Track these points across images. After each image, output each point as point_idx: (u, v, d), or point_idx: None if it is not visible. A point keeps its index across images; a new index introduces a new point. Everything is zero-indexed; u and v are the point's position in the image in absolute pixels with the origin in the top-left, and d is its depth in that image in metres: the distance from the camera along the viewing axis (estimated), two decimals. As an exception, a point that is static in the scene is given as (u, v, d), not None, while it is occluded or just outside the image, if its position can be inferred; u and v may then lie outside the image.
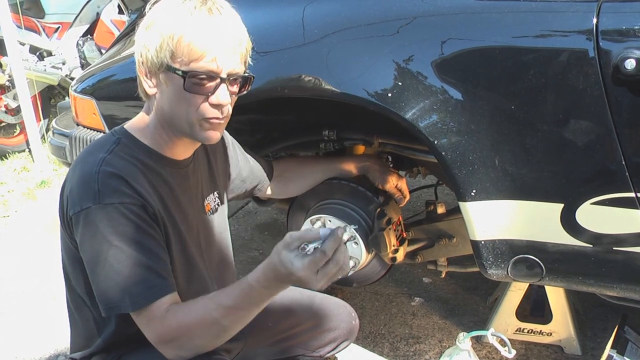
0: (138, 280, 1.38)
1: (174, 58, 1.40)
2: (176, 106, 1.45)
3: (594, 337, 2.63)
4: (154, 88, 1.48)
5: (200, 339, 1.41)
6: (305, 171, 2.17)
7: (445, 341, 2.68)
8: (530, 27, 1.73)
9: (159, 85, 1.47)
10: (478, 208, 1.83)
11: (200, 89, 1.42)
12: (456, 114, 1.77)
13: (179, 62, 1.40)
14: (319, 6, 2.00)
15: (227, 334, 1.44)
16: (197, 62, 1.40)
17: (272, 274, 1.34)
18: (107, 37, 5.59)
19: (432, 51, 1.79)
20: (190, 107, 1.44)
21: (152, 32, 1.43)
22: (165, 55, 1.41)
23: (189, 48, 1.39)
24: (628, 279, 1.83)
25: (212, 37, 1.39)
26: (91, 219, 1.38)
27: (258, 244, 3.58)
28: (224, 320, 1.40)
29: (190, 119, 1.46)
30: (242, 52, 1.46)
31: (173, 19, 1.40)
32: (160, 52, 1.41)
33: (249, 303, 1.40)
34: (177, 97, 1.44)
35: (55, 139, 2.76)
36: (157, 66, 1.43)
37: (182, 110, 1.45)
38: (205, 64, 1.40)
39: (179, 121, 1.47)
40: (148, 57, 1.44)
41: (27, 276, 3.47)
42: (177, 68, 1.40)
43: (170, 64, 1.41)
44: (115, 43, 2.80)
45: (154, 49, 1.42)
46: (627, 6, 1.68)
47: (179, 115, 1.46)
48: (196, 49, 1.39)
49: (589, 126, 1.70)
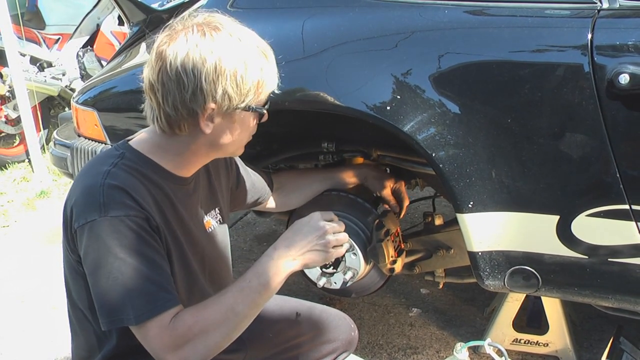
0: (142, 293, 1.37)
1: (250, 100, 1.48)
2: (239, 136, 1.54)
3: (590, 348, 2.64)
4: (211, 127, 1.49)
5: (216, 333, 1.40)
6: (305, 182, 2.18)
7: (442, 352, 2.69)
8: (527, 42, 1.77)
9: (221, 124, 1.49)
10: (475, 220, 1.85)
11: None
12: (453, 127, 1.80)
13: (258, 101, 1.51)
14: (318, 20, 2.03)
15: (241, 323, 1.45)
16: (266, 95, 1.53)
17: (279, 241, 1.52)
18: (107, 49, 5.62)
19: (429, 65, 1.82)
20: (248, 133, 1.57)
21: (228, 78, 1.42)
22: (242, 99, 1.46)
23: (264, 88, 1.50)
24: (623, 290, 1.85)
25: (275, 71, 1.53)
26: (96, 231, 1.38)
27: (257, 255, 3.52)
28: (237, 306, 1.42)
29: (243, 143, 1.60)
30: None
31: (250, 63, 1.45)
32: (245, 97, 1.46)
33: (258, 282, 1.45)
34: (243, 128, 1.53)
35: (56, 149, 2.77)
36: (234, 108, 1.47)
37: (242, 138, 1.57)
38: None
39: (231, 147, 1.57)
40: (225, 102, 1.44)
41: (27, 286, 3.48)
42: (258, 106, 1.51)
43: (251, 105, 1.48)
44: (116, 55, 2.83)
45: (236, 94, 1.45)
46: (621, 22, 1.72)
47: (235, 143, 1.56)
48: (269, 86, 1.52)
49: (584, 139, 1.73)
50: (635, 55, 1.63)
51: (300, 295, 1.63)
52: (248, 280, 1.45)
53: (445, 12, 1.88)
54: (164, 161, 1.54)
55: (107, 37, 5.76)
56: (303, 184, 2.18)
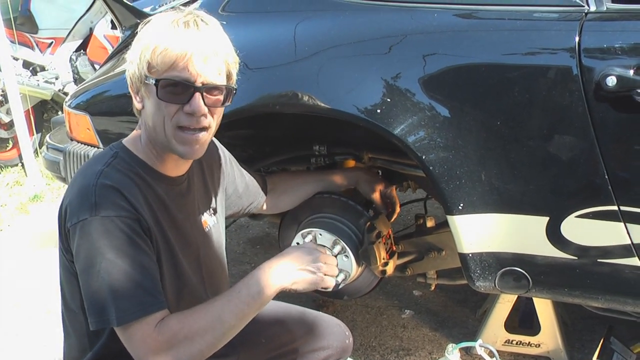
0: (126, 295, 1.38)
1: (150, 69, 1.45)
2: (155, 117, 1.48)
3: (581, 348, 2.66)
4: (140, 103, 1.52)
5: (201, 341, 1.41)
6: (297, 184, 2.19)
7: (435, 353, 2.70)
8: (515, 45, 1.78)
9: (143, 100, 1.51)
10: (465, 221, 1.86)
11: (173, 97, 1.45)
12: (443, 130, 1.81)
13: (154, 72, 1.44)
14: (310, 24, 2.04)
15: (227, 333, 1.46)
16: (170, 71, 1.43)
17: (273, 258, 1.55)
18: (100, 53, 5.62)
19: (419, 68, 1.84)
20: (165, 117, 1.47)
21: (135, 47, 1.48)
22: (143, 67, 1.45)
23: (162, 56, 1.42)
24: (612, 290, 1.87)
25: (184, 46, 1.42)
26: (87, 230, 1.39)
27: (250, 258, 3.59)
28: (225, 315, 1.43)
29: (166, 129, 1.48)
30: (219, 63, 1.49)
31: (154, 33, 1.45)
32: (139, 64, 1.46)
33: (248, 293, 1.46)
34: (155, 107, 1.47)
35: (49, 153, 2.77)
36: (138, 79, 1.48)
37: (159, 120, 1.48)
38: (178, 72, 1.43)
39: (159, 133, 1.49)
40: (132, 71, 1.49)
41: (20, 290, 3.48)
42: (151, 77, 1.44)
43: (146, 74, 1.45)
44: (109, 59, 2.83)
45: (136, 63, 1.47)
46: (609, 25, 1.73)
47: (158, 127, 1.49)
48: (168, 57, 1.42)
49: (573, 141, 1.74)
50: (622, 57, 1.65)
51: (293, 297, 1.63)
52: (237, 290, 1.47)
53: (435, 16, 1.89)
54: (146, 157, 1.56)
55: (100, 40, 5.76)
56: (295, 186, 2.19)
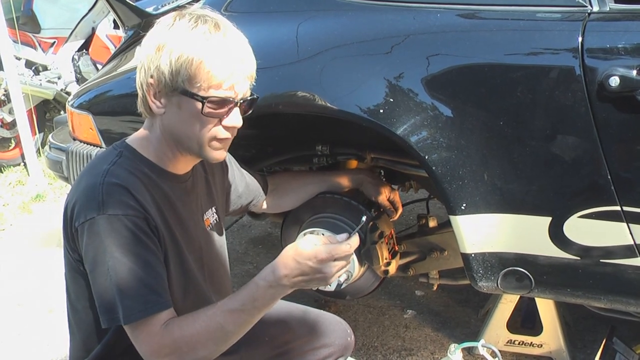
0: (133, 294, 1.39)
1: (191, 83, 1.43)
2: (190, 128, 1.48)
3: (583, 349, 2.66)
4: (162, 108, 1.49)
5: (203, 349, 1.42)
6: (299, 185, 2.19)
7: (437, 353, 2.70)
8: (518, 45, 1.78)
9: (168, 106, 1.48)
10: (468, 221, 1.86)
11: (216, 113, 1.46)
12: (446, 130, 1.81)
13: (197, 88, 1.43)
14: (312, 24, 2.04)
15: (229, 341, 1.46)
16: (217, 89, 1.43)
17: (279, 267, 1.42)
18: (103, 52, 5.62)
19: (422, 68, 1.83)
20: (204, 129, 1.47)
21: (166, 55, 1.43)
22: (182, 80, 1.42)
23: (208, 75, 1.42)
24: (615, 290, 1.87)
25: (231, 65, 1.43)
26: (95, 229, 1.40)
27: (252, 258, 3.59)
28: (228, 325, 1.43)
29: (202, 140, 1.49)
30: (254, 75, 1.51)
31: (189, 43, 1.42)
32: (176, 76, 1.42)
33: (253, 306, 1.43)
34: (192, 119, 1.47)
35: (52, 153, 2.78)
36: (171, 89, 1.45)
37: (195, 131, 1.48)
38: (224, 91, 1.44)
39: (189, 141, 1.50)
40: (161, 79, 1.45)
41: (23, 289, 3.48)
42: (196, 93, 1.43)
43: (187, 89, 1.43)
44: (111, 59, 2.83)
45: (169, 72, 1.43)
46: (611, 25, 1.73)
47: (190, 136, 1.49)
48: (216, 77, 1.42)
49: (576, 141, 1.74)
50: (625, 57, 1.65)
51: (295, 297, 1.63)
52: (242, 303, 1.44)
53: (438, 16, 1.89)
54: (155, 157, 1.55)
55: (103, 40, 5.75)
56: (297, 186, 2.19)
